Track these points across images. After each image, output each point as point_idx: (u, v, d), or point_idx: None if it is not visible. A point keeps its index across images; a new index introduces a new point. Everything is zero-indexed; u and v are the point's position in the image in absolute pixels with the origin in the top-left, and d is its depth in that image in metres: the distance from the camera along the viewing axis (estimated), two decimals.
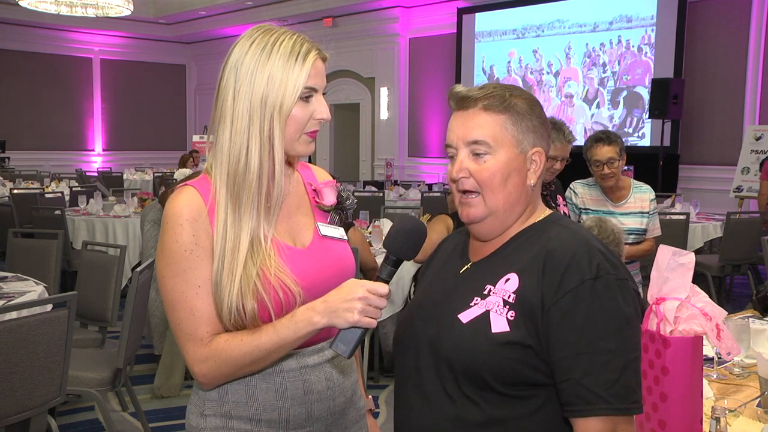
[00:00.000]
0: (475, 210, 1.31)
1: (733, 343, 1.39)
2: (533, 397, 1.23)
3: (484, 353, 1.22)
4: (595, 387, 1.17)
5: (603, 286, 1.20)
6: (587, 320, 1.19)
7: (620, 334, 1.19)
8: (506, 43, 11.46)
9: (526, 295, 1.23)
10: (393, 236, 1.28)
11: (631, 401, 1.19)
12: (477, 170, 1.29)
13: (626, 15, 9.97)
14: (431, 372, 1.30)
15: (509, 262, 1.29)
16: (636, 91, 10.02)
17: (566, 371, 1.19)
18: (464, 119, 1.30)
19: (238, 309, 1.28)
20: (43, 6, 10.59)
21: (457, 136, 1.31)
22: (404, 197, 8.98)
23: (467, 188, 1.30)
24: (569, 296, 1.20)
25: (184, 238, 1.29)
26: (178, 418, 3.79)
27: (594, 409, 1.17)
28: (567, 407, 1.20)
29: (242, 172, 1.31)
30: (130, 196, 7.24)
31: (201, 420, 1.38)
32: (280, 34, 1.33)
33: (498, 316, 1.24)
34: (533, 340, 1.21)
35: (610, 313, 1.19)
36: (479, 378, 1.23)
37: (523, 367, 1.21)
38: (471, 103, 1.30)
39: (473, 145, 1.29)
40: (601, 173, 3.55)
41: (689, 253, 1.41)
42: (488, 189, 1.29)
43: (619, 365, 1.18)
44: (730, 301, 6.31)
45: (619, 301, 1.20)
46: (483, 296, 1.28)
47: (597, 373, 1.17)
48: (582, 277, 1.20)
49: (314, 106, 1.34)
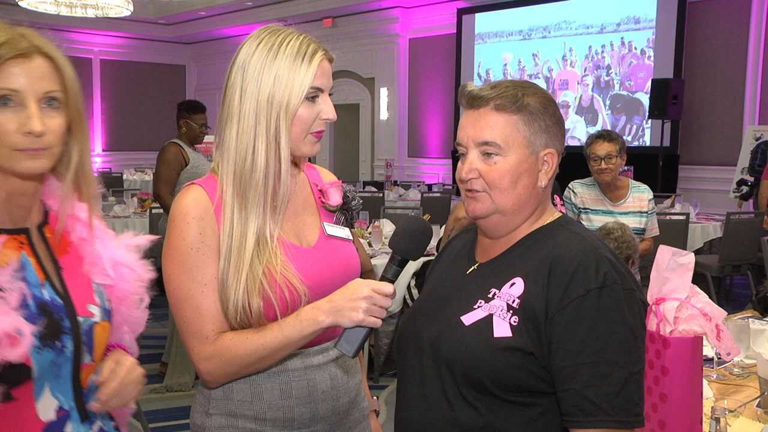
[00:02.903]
0: (481, 205, 1.29)
1: (733, 343, 1.39)
2: (533, 406, 1.22)
3: (485, 357, 1.21)
4: (596, 398, 1.15)
5: (609, 296, 1.18)
6: (591, 330, 1.17)
7: (624, 346, 1.17)
8: (505, 44, 11.45)
9: (531, 300, 1.21)
10: (399, 236, 1.29)
11: (632, 414, 1.17)
12: (487, 171, 1.27)
13: (629, 17, 9.94)
14: (432, 372, 1.30)
15: (516, 266, 1.28)
16: (636, 97, 9.99)
17: (567, 381, 1.17)
18: (475, 119, 1.29)
19: (244, 307, 1.29)
20: (43, 6, 10.58)
21: (468, 136, 1.29)
22: (404, 197, 8.97)
23: (476, 188, 1.29)
24: (574, 304, 1.18)
25: (190, 237, 1.30)
26: (179, 418, 3.79)
27: (594, 420, 1.16)
28: (567, 417, 1.19)
29: (248, 171, 1.31)
30: (130, 196, 7.24)
31: (206, 419, 1.38)
32: (287, 35, 1.34)
33: (501, 321, 1.22)
34: (535, 348, 1.20)
35: (615, 324, 1.17)
36: (478, 382, 1.22)
37: (523, 373, 1.20)
38: (482, 102, 1.28)
39: (483, 146, 1.27)
40: (598, 168, 3.57)
41: (689, 254, 1.41)
42: (497, 190, 1.28)
43: (621, 378, 1.16)
44: (730, 301, 6.31)
45: (624, 312, 1.18)
46: (487, 299, 1.27)
47: (599, 384, 1.16)
48: (588, 286, 1.18)
49: (320, 106, 1.35)
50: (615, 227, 3.08)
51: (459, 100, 1.33)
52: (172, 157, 4.42)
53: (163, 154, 4.44)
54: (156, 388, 4.20)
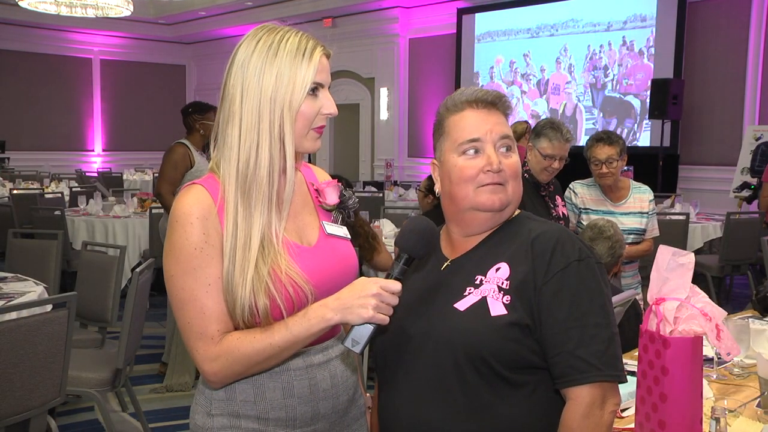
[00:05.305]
0: (504, 197, 1.39)
1: (733, 343, 1.39)
2: (525, 384, 1.30)
3: (485, 334, 1.29)
4: (587, 357, 1.26)
5: (586, 267, 1.32)
6: (575, 297, 1.29)
7: (604, 310, 1.31)
8: (506, 44, 11.45)
9: (519, 279, 1.32)
10: (406, 235, 1.31)
11: (618, 369, 1.29)
12: (508, 163, 1.39)
13: (629, 16, 9.94)
14: (423, 363, 1.34)
15: (496, 253, 1.38)
16: (627, 99, 9.97)
17: (559, 345, 1.28)
18: (490, 116, 1.40)
19: (251, 307, 1.29)
20: (43, 6, 10.57)
21: (488, 130, 1.38)
22: (404, 197, 8.98)
23: (499, 180, 1.38)
24: (558, 276, 1.30)
25: (194, 237, 1.30)
26: (178, 418, 3.79)
27: (588, 376, 1.26)
28: (561, 378, 1.28)
29: (252, 169, 1.32)
30: (130, 196, 7.23)
31: (208, 419, 1.38)
32: (285, 32, 1.35)
33: (495, 301, 1.31)
34: (530, 320, 1.30)
35: (594, 291, 1.31)
36: (481, 360, 1.29)
37: (521, 347, 1.29)
38: (495, 105, 1.42)
39: (505, 140, 1.39)
40: (600, 172, 3.57)
41: (689, 254, 1.41)
42: (514, 182, 1.40)
43: (606, 337, 1.28)
44: (730, 301, 6.31)
45: (600, 281, 1.33)
46: (476, 286, 1.35)
47: (588, 344, 1.27)
48: (568, 259, 1.31)
49: (321, 101, 1.36)
50: (606, 226, 3.07)
51: (464, 100, 1.41)
52: (179, 158, 4.41)
53: (171, 154, 4.43)
54: (156, 388, 4.20)
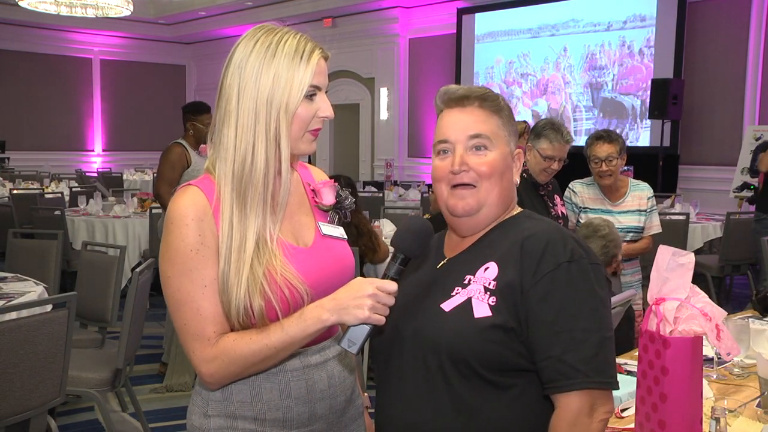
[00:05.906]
0: (470, 202, 1.35)
1: (733, 343, 1.39)
2: (513, 387, 1.28)
3: (468, 336, 1.27)
4: (575, 362, 1.22)
5: (577, 269, 1.27)
6: (564, 300, 1.25)
7: (595, 314, 1.25)
8: (506, 44, 11.44)
9: (506, 280, 1.29)
10: (402, 235, 1.30)
11: (609, 376, 1.25)
12: (478, 163, 1.34)
13: (628, 16, 9.93)
14: (414, 365, 1.34)
15: (487, 253, 1.35)
16: (626, 100, 9.96)
17: (546, 349, 1.24)
18: (464, 115, 1.37)
19: (246, 308, 1.29)
20: (43, 6, 10.57)
21: (457, 130, 1.35)
22: (404, 197, 8.98)
23: (466, 181, 1.35)
24: (547, 278, 1.26)
25: (190, 238, 1.29)
26: (178, 418, 3.79)
27: (575, 383, 1.22)
28: (548, 384, 1.25)
29: (248, 171, 1.31)
30: (130, 196, 7.23)
31: (204, 420, 1.38)
32: (284, 34, 1.34)
33: (480, 303, 1.29)
34: (515, 323, 1.26)
35: (585, 294, 1.26)
36: (464, 362, 1.27)
37: (505, 350, 1.26)
38: (471, 101, 1.36)
39: (475, 139, 1.35)
40: (599, 170, 3.57)
41: (689, 254, 1.41)
42: (487, 181, 1.35)
43: (595, 342, 1.24)
44: (730, 301, 6.31)
45: (593, 283, 1.27)
46: (464, 285, 1.33)
47: (576, 349, 1.23)
48: (558, 261, 1.26)
49: (318, 104, 1.35)
50: (602, 225, 3.07)
51: (440, 102, 1.40)
52: (176, 157, 4.42)
53: (168, 154, 4.44)
54: (156, 388, 4.21)
